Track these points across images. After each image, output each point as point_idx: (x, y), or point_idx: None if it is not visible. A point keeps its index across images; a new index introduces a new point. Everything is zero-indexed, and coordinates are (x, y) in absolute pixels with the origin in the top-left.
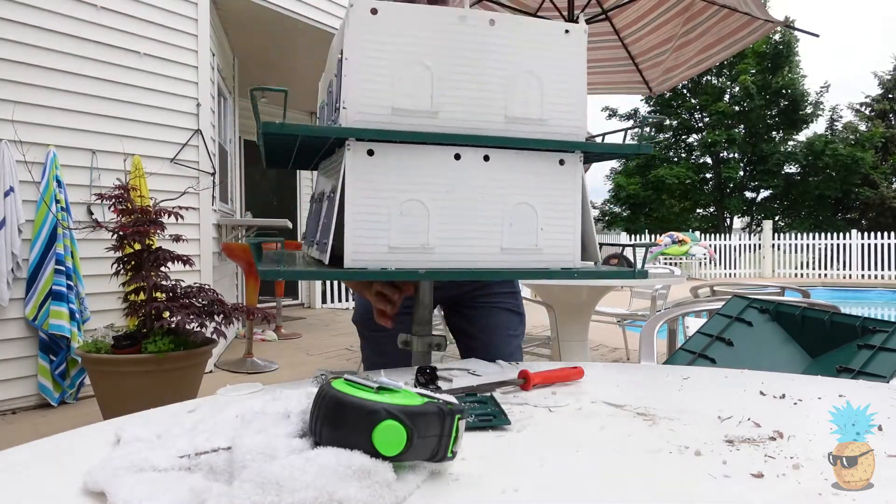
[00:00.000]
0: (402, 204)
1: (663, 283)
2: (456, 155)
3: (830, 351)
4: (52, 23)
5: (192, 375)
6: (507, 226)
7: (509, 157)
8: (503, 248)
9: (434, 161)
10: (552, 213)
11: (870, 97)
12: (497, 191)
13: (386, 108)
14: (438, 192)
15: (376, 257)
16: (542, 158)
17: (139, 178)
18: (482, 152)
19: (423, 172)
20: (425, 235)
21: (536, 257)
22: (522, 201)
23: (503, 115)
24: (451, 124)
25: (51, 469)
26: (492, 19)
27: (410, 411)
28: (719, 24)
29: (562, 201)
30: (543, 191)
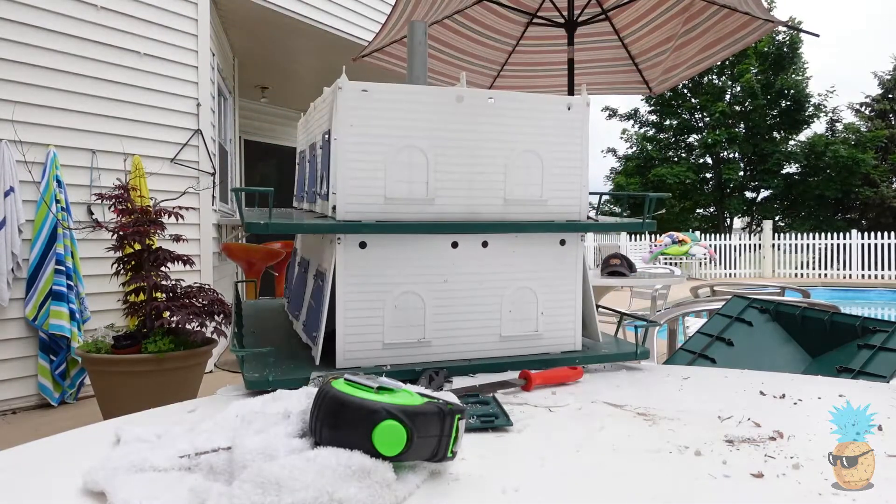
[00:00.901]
0: (397, 297)
1: (663, 283)
2: (453, 243)
3: (830, 351)
4: (52, 23)
5: (192, 375)
6: (506, 312)
7: (508, 241)
8: (502, 336)
9: (430, 250)
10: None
11: (870, 97)
12: (496, 277)
13: (379, 198)
14: (435, 283)
15: (370, 355)
16: (542, 240)
17: (139, 178)
18: (480, 238)
19: (418, 263)
20: (422, 329)
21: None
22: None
23: (502, 198)
24: (448, 210)
25: (51, 469)
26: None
27: (410, 411)
28: (719, 24)
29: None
30: (544, 273)
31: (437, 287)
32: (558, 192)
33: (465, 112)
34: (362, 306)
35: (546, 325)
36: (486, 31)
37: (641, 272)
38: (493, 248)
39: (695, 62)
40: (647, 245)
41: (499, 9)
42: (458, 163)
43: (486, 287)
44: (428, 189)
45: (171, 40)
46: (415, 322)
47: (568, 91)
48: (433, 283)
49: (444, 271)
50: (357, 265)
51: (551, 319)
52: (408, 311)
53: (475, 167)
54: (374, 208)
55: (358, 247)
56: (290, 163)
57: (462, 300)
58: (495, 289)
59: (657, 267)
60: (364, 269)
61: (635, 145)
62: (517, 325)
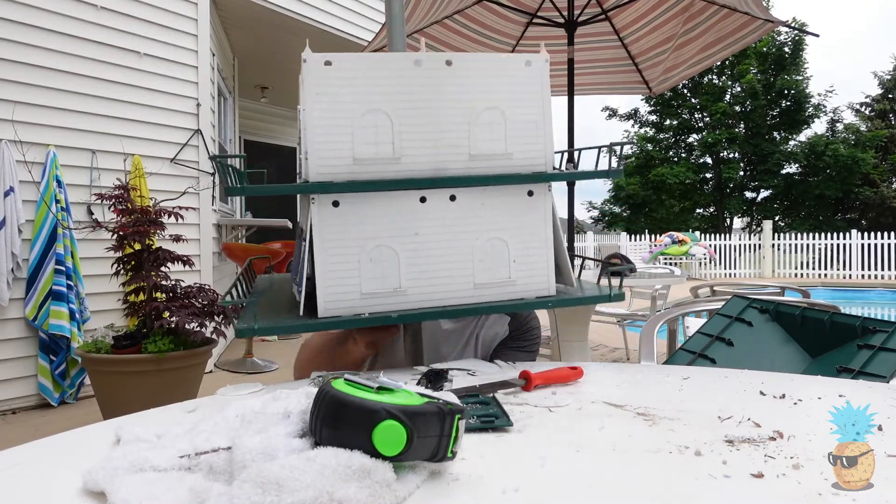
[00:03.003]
0: (372, 251)
1: (663, 283)
2: (421, 198)
3: (830, 351)
4: (52, 23)
5: (192, 375)
6: (478, 262)
7: (476, 195)
8: (476, 283)
9: (400, 206)
10: (524, 244)
11: (870, 97)
12: (465, 229)
13: (347, 159)
14: (406, 237)
15: (349, 304)
16: (509, 192)
17: (139, 178)
18: (448, 192)
19: (389, 218)
20: (397, 279)
21: (510, 289)
22: (493, 236)
23: (467, 154)
24: (415, 168)
25: (51, 469)
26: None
27: (410, 411)
28: (719, 24)
29: (533, 232)
30: (513, 224)
31: (409, 240)
32: (522, 146)
33: (424, 75)
34: (339, 260)
35: (519, 272)
36: (486, 31)
37: (641, 272)
38: (461, 201)
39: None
40: (647, 245)
41: (499, 9)
42: (422, 123)
43: (456, 238)
44: (394, 149)
45: (170, 40)
46: (390, 273)
47: (568, 91)
48: (405, 236)
49: (415, 225)
50: (331, 222)
51: (524, 267)
52: (382, 263)
53: (439, 126)
54: (343, 169)
55: (331, 205)
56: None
57: (434, 251)
58: (466, 240)
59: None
60: (338, 225)
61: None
62: (490, 273)
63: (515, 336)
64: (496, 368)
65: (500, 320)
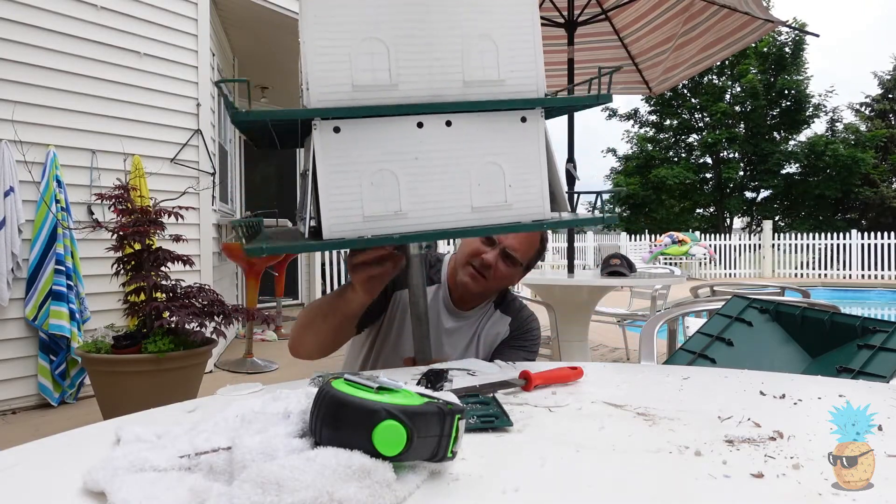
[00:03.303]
0: (373, 175)
1: (663, 283)
2: (419, 123)
3: (830, 351)
4: (52, 23)
5: (192, 375)
6: (475, 186)
7: (471, 120)
8: (473, 207)
9: (398, 131)
10: (518, 169)
11: (870, 97)
12: (462, 153)
13: (346, 86)
14: (405, 161)
15: (353, 227)
16: (503, 118)
17: (139, 178)
18: (444, 118)
19: (388, 143)
20: (397, 202)
21: (507, 213)
22: (489, 161)
23: (461, 81)
24: (412, 94)
25: (51, 469)
26: None
27: (410, 411)
28: (719, 24)
29: (527, 157)
30: (508, 149)
31: (408, 164)
32: (515, 73)
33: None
34: (342, 184)
35: (515, 196)
36: None
37: (641, 272)
38: (457, 126)
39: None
40: (647, 245)
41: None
42: (417, 50)
43: (453, 163)
44: (391, 76)
45: (170, 40)
46: (390, 196)
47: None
48: (404, 160)
49: (413, 150)
50: (333, 148)
51: (520, 191)
52: (383, 187)
53: (433, 53)
54: (343, 96)
55: (333, 131)
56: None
57: (433, 175)
58: (463, 164)
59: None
60: (340, 151)
61: (636, 145)
62: (486, 197)
63: (516, 335)
64: (496, 368)
65: (501, 321)
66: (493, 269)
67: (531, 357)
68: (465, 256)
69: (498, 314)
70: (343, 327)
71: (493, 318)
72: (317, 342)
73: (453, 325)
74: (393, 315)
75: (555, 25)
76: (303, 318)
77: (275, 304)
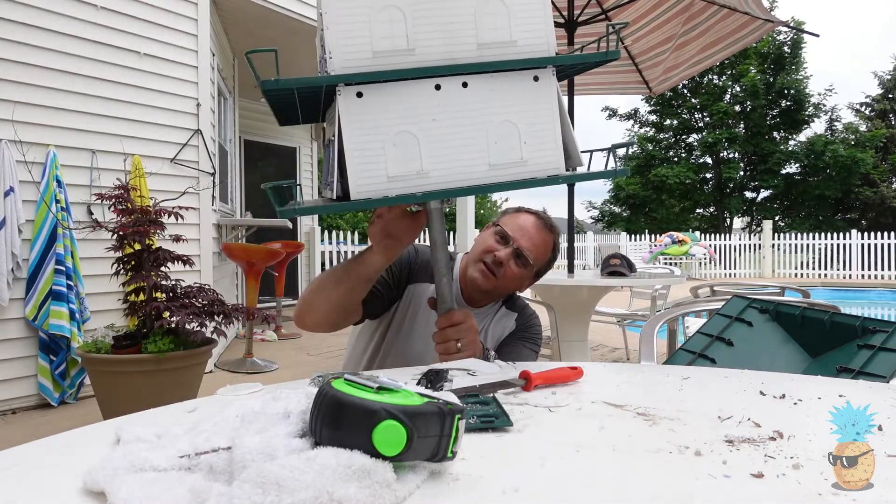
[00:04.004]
0: (394, 136)
1: (663, 283)
2: (436, 86)
3: (830, 351)
4: (52, 23)
5: (192, 375)
6: (492, 144)
7: (486, 81)
8: (491, 164)
9: (417, 94)
10: (533, 126)
11: (870, 97)
12: (478, 113)
13: (367, 53)
14: (425, 122)
15: (377, 187)
16: (517, 78)
17: (139, 178)
18: (460, 80)
19: (408, 106)
20: (419, 162)
21: (523, 169)
22: (504, 119)
23: (475, 43)
24: (428, 58)
25: (51, 469)
26: None
27: (410, 411)
28: (719, 24)
29: (541, 114)
30: (522, 107)
31: (428, 125)
32: (526, 34)
33: None
34: (366, 147)
35: (530, 152)
36: None
37: (641, 272)
38: (473, 87)
39: (695, 62)
40: (647, 245)
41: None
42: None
43: (470, 122)
44: (408, 41)
45: (170, 40)
46: (412, 157)
47: (568, 91)
48: (423, 121)
49: (432, 111)
50: (357, 112)
51: (535, 147)
52: (405, 148)
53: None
54: (364, 62)
55: (356, 96)
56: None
57: (451, 135)
58: (480, 123)
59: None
60: (363, 114)
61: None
62: (503, 154)
63: (521, 329)
64: (496, 368)
65: (507, 317)
66: (505, 267)
67: (535, 350)
68: (479, 253)
69: (504, 310)
70: (355, 292)
71: (499, 313)
72: (326, 308)
73: None
74: (406, 307)
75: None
76: (314, 284)
77: (275, 304)
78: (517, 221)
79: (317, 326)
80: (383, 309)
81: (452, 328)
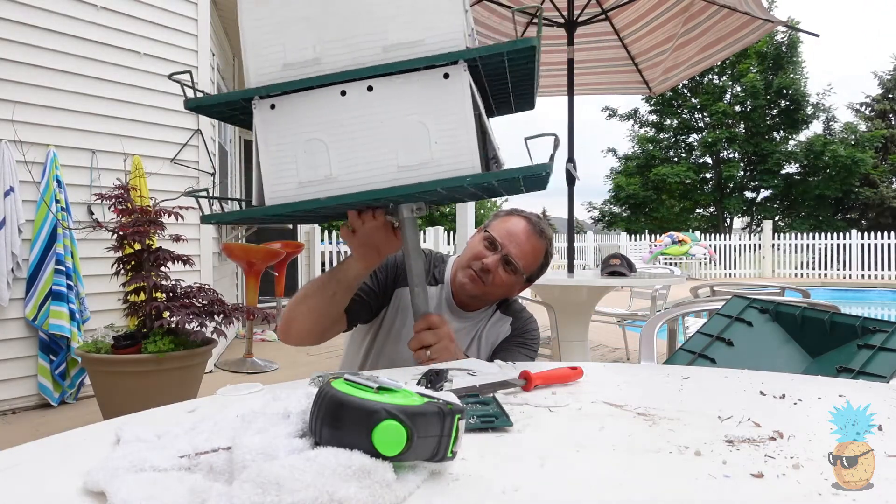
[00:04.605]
0: (305, 144)
1: (663, 283)
2: (342, 92)
3: (830, 351)
4: (52, 23)
5: (192, 375)
6: (400, 146)
7: (392, 83)
8: (399, 166)
9: (324, 102)
10: (444, 126)
11: (870, 97)
12: (385, 115)
13: (278, 66)
14: (333, 128)
15: (289, 193)
16: (426, 76)
17: (139, 178)
18: (365, 84)
19: (317, 114)
20: (327, 168)
21: (435, 169)
22: (413, 120)
23: (381, 47)
24: (335, 66)
25: (51, 469)
26: None
27: (410, 411)
28: (719, 24)
29: (452, 112)
30: (432, 106)
31: (336, 131)
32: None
33: None
34: (279, 155)
35: (442, 152)
36: (485, 31)
37: (641, 272)
38: (378, 91)
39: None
40: (647, 245)
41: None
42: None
43: (377, 125)
44: (315, 51)
45: (171, 40)
46: (321, 163)
47: (568, 91)
48: (331, 128)
49: (339, 117)
50: (270, 123)
51: (447, 146)
52: (315, 155)
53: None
54: (276, 75)
55: (269, 108)
56: None
57: (359, 139)
58: (386, 125)
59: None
60: (276, 124)
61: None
62: (412, 156)
63: (517, 334)
64: (496, 368)
65: (502, 321)
66: (493, 274)
67: (531, 356)
68: (467, 259)
69: (499, 314)
70: (336, 299)
71: (494, 318)
72: (309, 318)
73: (456, 325)
74: (394, 312)
75: (555, 25)
76: (295, 297)
77: (275, 304)
78: (507, 226)
79: (301, 338)
80: (370, 316)
81: (429, 332)
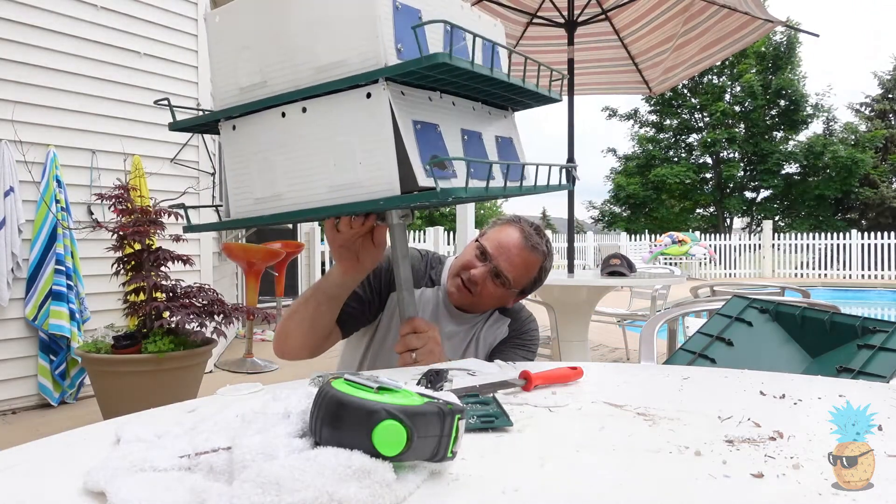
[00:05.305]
0: (259, 162)
1: (663, 283)
2: (282, 113)
3: (830, 351)
4: (52, 23)
5: (192, 375)
6: (331, 166)
7: (324, 104)
8: (330, 186)
9: (271, 123)
10: (368, 145)
11: (870, 97)
12: (318, 136)
13: (235, 90)
14: (277, 148)
15: (248, 208)
16: (351, 97)
17: (139, 178)
18: (300, 105)
19: (263, 134)
20: (276, 186)
21: (360, 190)
22: (341, 140)
23: (314, 68)
24: (277, 88)
25: (51, 469)
26: None
27: (410, 411)
28: (719, 24)
29: (373, 132)
30: (358, 128)
31: (280, 151)
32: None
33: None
34: (239, 172)
35: (366, 173)
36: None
37: (641, 272)
38: (311, 111)
39: (695, 62)
40: (647, 245)
41: (499, 9)
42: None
43: (312, 145)
44: (261, 75)
45: (171, 40)
46: (271, 181)
47: (568, 91)
48: (276, 147)
49: (279, 138)
50: (232, 142)
51: (370, 167)
52: (266, 173)
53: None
54: (234, 98)
55: (231, 129)
56: None
57: (298, 159)
58: (320, 145)
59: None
60: (236, 144)
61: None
62: (342, 176)
63: (515, 336)
64: (496, 368)
65: (499, 322)
66: (481, 286)
67: (530, 357)
68: (458, 267)
69: (497, 315)
70: (323, 312)
71: (491, 319)
72: (300, 331)
73: (453, 328)
74: (389, 316)
75: (555, 25)
76: (287, 311)
77: (275, 303)
78: (500, 237)
79: (295, 353)
80: (364, 323)
81: (413, 335)
